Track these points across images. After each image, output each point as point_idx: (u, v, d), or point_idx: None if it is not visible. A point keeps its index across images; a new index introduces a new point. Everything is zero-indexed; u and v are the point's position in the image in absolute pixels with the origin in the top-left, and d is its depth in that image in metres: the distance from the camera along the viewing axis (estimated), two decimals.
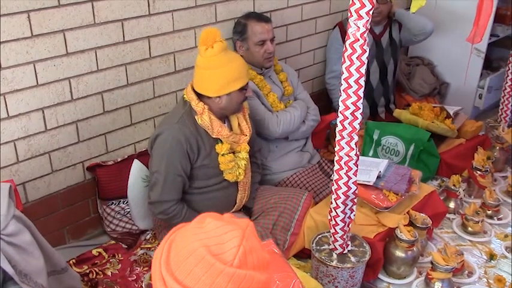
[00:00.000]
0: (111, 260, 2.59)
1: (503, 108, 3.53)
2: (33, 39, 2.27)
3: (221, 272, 1.03)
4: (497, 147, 3.30)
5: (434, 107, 3.39)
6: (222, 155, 2.34)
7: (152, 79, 2.78)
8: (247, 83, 2.32)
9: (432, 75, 4.15)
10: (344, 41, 3.46)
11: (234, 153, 2.40)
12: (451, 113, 3.32)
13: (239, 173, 2.40)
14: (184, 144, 2.25)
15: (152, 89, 2.80)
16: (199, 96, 2.30)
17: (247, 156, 2.43)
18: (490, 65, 4.43)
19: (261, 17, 2.88)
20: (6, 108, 2.29)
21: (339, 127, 1.95)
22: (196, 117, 2.28)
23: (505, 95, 3.48)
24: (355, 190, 2.08)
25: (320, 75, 3.78)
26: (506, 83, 3.43)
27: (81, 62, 2.47)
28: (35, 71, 2.33)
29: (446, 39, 4.11)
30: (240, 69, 2.27)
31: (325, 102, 3.77)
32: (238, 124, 2.44)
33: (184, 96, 2.34)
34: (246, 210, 2.58)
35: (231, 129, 2.42)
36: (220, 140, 2.33)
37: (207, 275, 1.03)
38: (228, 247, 1.05)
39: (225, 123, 2.40)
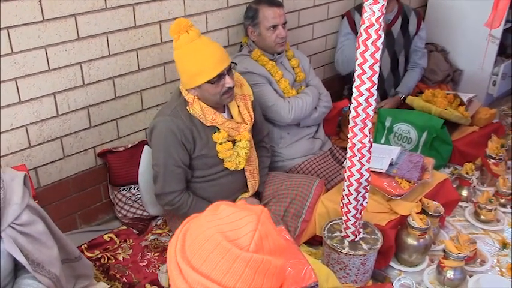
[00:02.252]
0: (122, 245, 2.60)
1: None
2: (45, 23, 2.26)
3: (238, 257, 1.02)
4: (511, 135, 3.26)
5: (447, 94, 3.35)
6: (220, 143, 2.32)
7: (163, 64, 2.76)
8: (222, 75, 2.19)
9: (445, 61, 4.09)
10: (353, 29, 3.47)
11: (234, 142, 2.38)
12: (465, 100, 3.28)
13: (239, 162, 2.38)
14: (178, 135, 2.24)
15: (163, 75, 2.79)
16: None
17: (248, 145, 2.39)
18: (504, 51, 4.35)
19: (272, 2, 2.84)
20: (18, 93, 2.29)
21: (353, 113, 1.92)
22: (187, 107, 2.27)
23: None
24: (368, 177, 2.07)
25: (332, 61, 3.74)
26: None
27: (93, 47, 2.46)
28: (47, 56, 2.32)
29: (460, 26, 4.05)
30: (204, 62, 2.17)
31: (337, 88, 3.74)
32: (239, 112, 2.40)
33: (180, 86, 2.32)
34: (256, 195, 2.57)
35: (231, 117, 2.39)
36: (218, 129, 2.31)
37: (224, 261, 1.02)
38: (243, 232, 1.04)
39: (224, 111, 2.38)
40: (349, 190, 2.09)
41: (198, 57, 2.17)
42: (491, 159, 2.95)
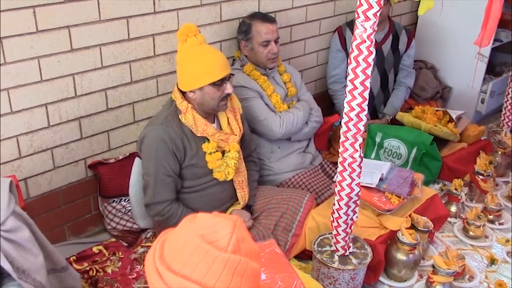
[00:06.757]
0: (111, 258, 2.59)
1: (505, 113, 3.53)
2: (38, 34, 2.27)
3: (216, 258, 1.04)
4: (499, 152, 3.30)
5: (437, 110, 3.39)
6: (209, 153, 2.33)
7: (156, 77, 2.78)
8: (224, 79, 2.25)
9: (435, 79, 4.14)
10: (343, 46, 3.51)
11: (223, 152, 2.39)
12: (454, 117, 3.32)
13: (228, 172, 2.39)
14: (169, 144, 2.24)
15: (156, 87, 2.80)
16: (185, 95, 2.31)
17: (237, 155, 2.41)
18: (492, 69, 4.43)
19: (265, 17, 2.87)
20: (10, 103, 2.28)
21: (344, 128, 1.94)
22: (180, 116, 2.28)
23: (507, 100, 3.48)
24: (358, 192, 2.08)
25: (323, 77, 3.77)
26: (509, 88, 3.42)
27: (86, 59, 2.46)
28: (39, 67, 2.32)
29: (449, 44, 4.11)
30: (212, 64, 2.23)
31: (328, 103, 3.77)
32: (228, 123, 2.43)
33: (172, 96, 2.34)
34: (247, 208, 2.57)
35: (220, 128, 2.42)
36: (208, 139, 2.33)
37: (203, 262, 1.04)
38: (221, 234, 1.07)
39: (214, 122, 2.40)
40: (339, 204, 2.10)
41: (207, 58, 2.23)
42: (480, 176, 2.97)
